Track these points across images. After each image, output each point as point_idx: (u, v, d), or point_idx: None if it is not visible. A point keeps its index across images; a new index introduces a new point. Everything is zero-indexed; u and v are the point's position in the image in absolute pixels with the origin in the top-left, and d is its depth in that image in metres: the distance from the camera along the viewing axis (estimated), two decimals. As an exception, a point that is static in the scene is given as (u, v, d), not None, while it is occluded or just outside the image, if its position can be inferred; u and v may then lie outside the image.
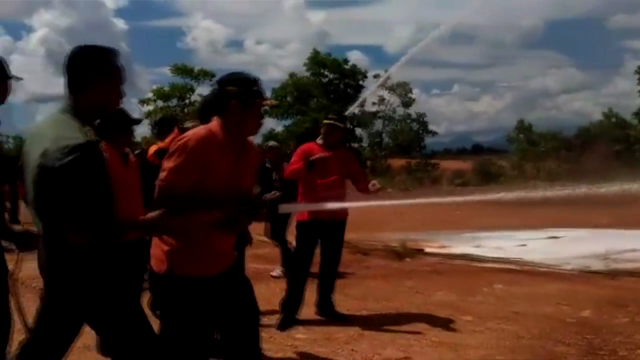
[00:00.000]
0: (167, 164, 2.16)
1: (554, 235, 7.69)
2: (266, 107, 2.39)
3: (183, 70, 25.45)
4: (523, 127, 27.30)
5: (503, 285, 5.18)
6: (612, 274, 5.40)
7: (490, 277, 5.53)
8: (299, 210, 3.89)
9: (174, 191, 2.11)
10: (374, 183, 4.28)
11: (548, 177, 19.99)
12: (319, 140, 4.47)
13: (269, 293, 5.17)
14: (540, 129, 26.73)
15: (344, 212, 4.40)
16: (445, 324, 4.03)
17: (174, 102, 25.66)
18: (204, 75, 26.33)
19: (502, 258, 6.42)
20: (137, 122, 3.31)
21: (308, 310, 4.40)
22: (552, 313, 4.21)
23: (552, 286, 5.08)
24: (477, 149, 46.68)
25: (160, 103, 25.92)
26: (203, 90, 25.56)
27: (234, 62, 53.62)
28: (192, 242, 2.18)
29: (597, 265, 5.75)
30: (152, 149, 4.27)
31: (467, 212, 11.51)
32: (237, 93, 2.22)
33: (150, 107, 26.72)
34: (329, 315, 4.37)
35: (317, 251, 4.38)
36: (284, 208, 2.37)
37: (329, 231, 4.33)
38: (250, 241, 3.71)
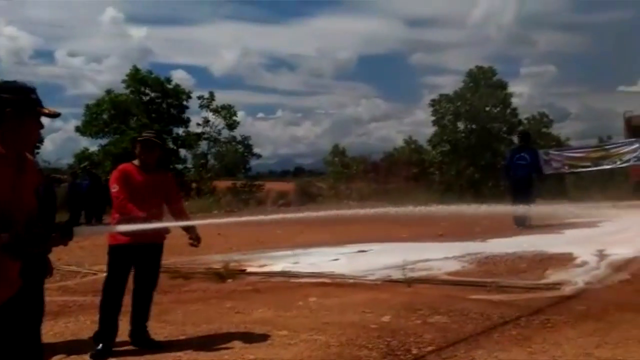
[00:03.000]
0: None
1: (363, 249, 8.40)
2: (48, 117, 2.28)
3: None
4: (337, 151, 29.47)
5: (316, 298, 5.52)
6: (409, 282, 6.06)
7: (305, 292, 5.84)
8: (96, 233, 3.68)
9: None
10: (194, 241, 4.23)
11: (359, 196, 21.79)
12: (136, 162, 4.30)
13: (78, 328, 4.82)
14: (353, 153, 29.17)
15: (160, 235, 4.25)
16: (261, 340, 4.19)
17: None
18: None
19: (317, 273, 6.81)
20: None
21: (121, 340, 4.20)
22: (358, 320, 4.63)
23: (359, 296, 5.56)
24: (299, 171, 48.84)
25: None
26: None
27: (42, 74, 48.20)
28: None
29: (397, 275, 6.40)
30: None
31: (287, 231, 11.98)
32: (12, 100, 2.09)
33: None
34: (144, 344, 4.20)
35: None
36: (79, 231, 2.27)
37: (144, 255, 4.17)
38: (50, 271, 3.41)
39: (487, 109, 27.88)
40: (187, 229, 4.23)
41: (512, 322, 4.43)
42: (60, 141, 42.82)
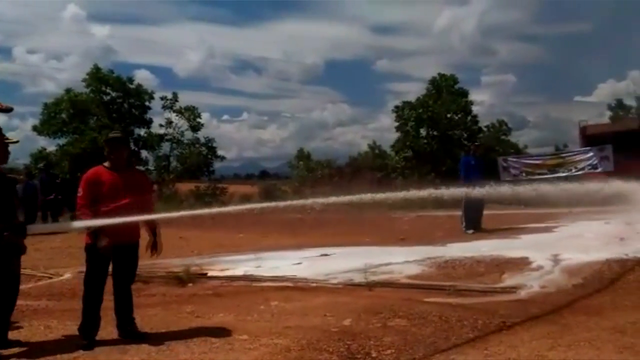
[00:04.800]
0: None
1: (325, 253, 8.41)
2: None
3: None
4: (302, 155, 29.48)
5: (278, 302, 5.50)
6: (370, 286, 6.11)
7: (267, 295, 5.81)
8: (49, 229, 3.67)
9: None
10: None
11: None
12: (106, 164, 4.32)
13: (31, 333, 4.67)
14: (318, 157, 29.21)
15: (135, 236, 4.39)
16: (221, 345, 4.14)
17: None
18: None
19: (279, 276, 6.79)
20: None
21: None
22: (319, 324, 4.63)
23: (321, 299, 5.57)
24: (264, 174, 48.67)
25: None
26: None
27: None
28: None
29: (358, 278, 6.44)
30: None
31: (250, 235, 11.91)
32: None
33: None
34: (130, 335, 4.32)
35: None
36: (32, 229, 2.25)
37: (120, 255, 4.26)
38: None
39: (449, 116, 28.46)
40: (152, 233, 4.51)
41: (469, 324, 4.52)
42: (16, 140, 41.33)
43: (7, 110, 2.16)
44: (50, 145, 27.53)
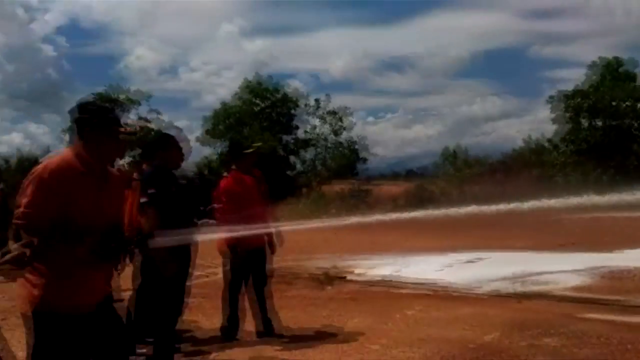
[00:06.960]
0: (22, 198, 2.11)
1: (471, 260, 7.93)
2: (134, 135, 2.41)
3: (108, 99, 25.02)
4: (451, 153, 28.39)
5: (415, 311, 5.29)
6: (519, 297, 5.60)
7: (404, 303, 5.63)
8: (172, 242, 3.74)
9: (32, 225, 2.07)
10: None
11: (474, 201, 20.69)
12: (236, 168, 4.54)
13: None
14: (468, 155, 27.81)
15: (264, 239, 4.58)
16: (353, 353, 4.07)
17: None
18: (131, 102, 26.57)
19: (419, 283, 6.54)
20: None
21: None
22: (456, 338, 4.33)
23: (462, 310, 5.23)
24: (411, 174, 47.81)
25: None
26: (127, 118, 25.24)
27: (169, 88, 52.78)
28: (59, 277, 2.13)
29: (507, 288, 5.94)
30: None
31: (396, 237, 11.67)
32: (91, 120, 2.23)
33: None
34: (265, 335, 4.52)
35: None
36: (155, 242, 2.35)
37: (258, 257, 4.54)
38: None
39: (614, 103, 25.17)
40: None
41: (633, 349, 3.87)
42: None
43: (132, 134, 2.24)
44: (214, 155, 30.28)
